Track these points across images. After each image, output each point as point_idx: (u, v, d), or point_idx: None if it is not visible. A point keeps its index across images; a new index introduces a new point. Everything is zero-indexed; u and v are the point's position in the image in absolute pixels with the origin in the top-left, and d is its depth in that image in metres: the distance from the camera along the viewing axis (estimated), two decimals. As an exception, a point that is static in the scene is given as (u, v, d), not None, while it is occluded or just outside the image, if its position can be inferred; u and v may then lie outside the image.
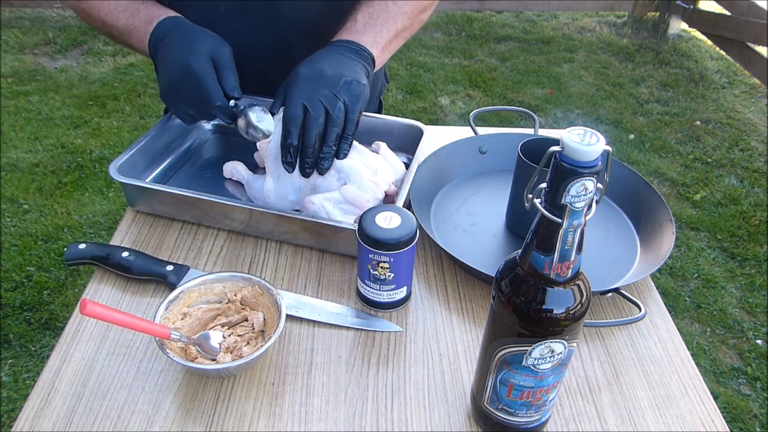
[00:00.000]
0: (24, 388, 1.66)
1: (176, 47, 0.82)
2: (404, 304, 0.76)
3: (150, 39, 0.86)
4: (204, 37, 0.83)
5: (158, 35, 0.85)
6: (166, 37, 0.84)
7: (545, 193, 0.46)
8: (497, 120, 2.83)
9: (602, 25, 4.08)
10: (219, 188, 0.90)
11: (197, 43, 0.81)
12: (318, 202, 0.80)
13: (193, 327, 0.69)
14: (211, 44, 0.82)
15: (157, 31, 0.85)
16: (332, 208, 0.80)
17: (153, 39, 0.85)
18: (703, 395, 0.67)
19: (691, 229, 2.35)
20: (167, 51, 0.83)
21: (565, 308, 0.50)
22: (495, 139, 1.00)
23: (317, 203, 0.80)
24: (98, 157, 2.57)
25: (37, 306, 1.89)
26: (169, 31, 0.85)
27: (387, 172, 0.85)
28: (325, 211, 0.79)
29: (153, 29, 0.86)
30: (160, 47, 0.84)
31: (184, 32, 0.84)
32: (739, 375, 1.79)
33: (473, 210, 0.92)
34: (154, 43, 0.85)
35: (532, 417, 0.59)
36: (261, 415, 0.63)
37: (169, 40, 0.84)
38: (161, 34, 0.85)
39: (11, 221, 2.21)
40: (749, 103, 3.27)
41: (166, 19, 0.86)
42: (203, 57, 0.80)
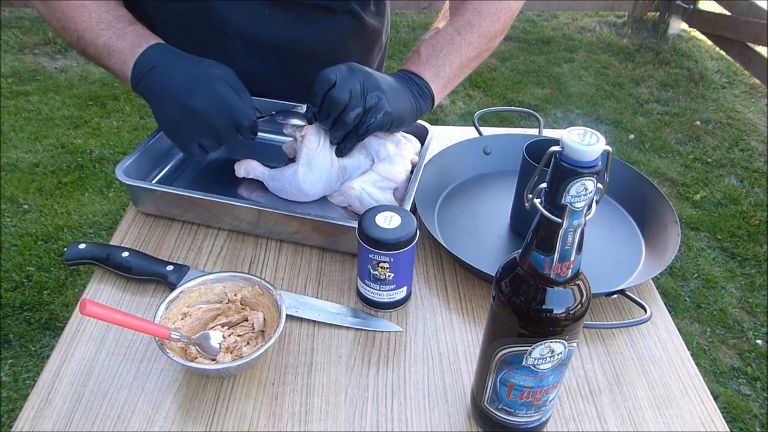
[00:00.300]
0: (24, 388, 1.66)
1: (184, 76, 0.78)
2: (404, 304, 0.76)
3: (135, 66, 0.80)
4: (210, 64, 0.80)
5: (144, 65, 0.79)
6: (157, 67, 0.79)
7: (545, 193, 0.46)
8: (497, 120, 2.83)
9: (602, 25, 4.08)
10: (223, 188, 0.90)
11: (209, 69, 0.79)
12: (358, 187, 0.82)
13: (193, 327, 0.69)
14: (220, 69, 0.80)
15: (142, 60, 0.80)
16: (372, 188, 0.83)
17: (137, 68, 0.80)
18: (703, 395, 0.67)
19: (691, 229, 2.35)
20: (170, 81, 0.78)
21: (565, 308, 0.50)
22: (499, 139, 1.00)
23: (357, 188, 0.82)
24: (98, 157, 2.57)
25: (37, 306, 1.89)
26: (159, 61, 0.79)
27: (407, 145, 0.89)
28: (367, 194, 0.82)
29: (139, 55, 0.80)
30: (154, 77, 0.79)
31: (184, 61, 0.80)
32: (739, 375, 1.79)
33: (477, 211, 0.92)
34: (140, 72, 0.80)
35: (532, 417, 0.59)
36: (261, 415, 0.63)
37: (169, 69, 0.79)
38: (148, 64, 0.79)
39: (11, 221, 2.21)
40: (749, 103, 3.27)
41: (155, 45, 0.81)
42: (222, 82, 0.78)
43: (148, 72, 0.79)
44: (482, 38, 0.89)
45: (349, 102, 0.77)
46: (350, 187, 0.83)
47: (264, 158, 0.94)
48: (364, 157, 0.86)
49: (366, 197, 0.82)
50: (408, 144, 0.89)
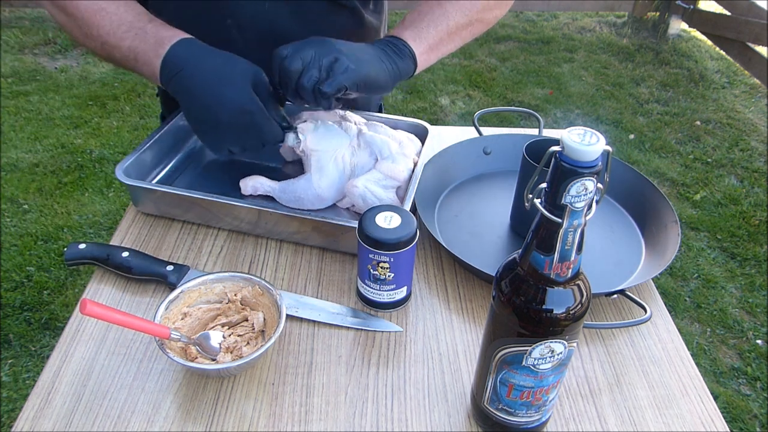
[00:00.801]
0: (24, 388, 1.66)
1: (213, 84, 0.75)
2: (404, 304, 0.76)
3: (162, 69, 0.77)
4: (239, 65, 0.77)
5: (173, 66, 0.77)
6: (185, 69, 0.76)
7: (545, 193, 0.46)
8: (497, 120, 2.83)
9: (602, 25, 4.08)
10: (224, 188, 0.90)
11: (237, 77, 0.76)
12: (361, 186, 0.83)
13: (193, 327, 0.69)
14: (248, 72, 0.77)
15: (170, 60, 0.77)
16: (375, 187, 0.83)
17: (166, 69, 0.77)
18: (703, 395, 0.67)
19: (691, 229, 2.35)
20: (199, 88, 0.76)
21: (565, 308, 0.50)
22: (499, 139, 1.00)
23: (361, 187, 0.82)
24: (98, 157, 2.58)
25: (37, 306, 1.89)
26: (187, 61, 0.77)
27: (409, 144, 0.89)
28: (370, 192, 0.83)
29: (164, 55, 0.77)
30: (183, 80, 0.76)
31: (212, 63, 0.77)
32: (739, 375, 1.79)
33: (477, 211, 0.92)
34: (169, 74, 0.77)
35: (532, 417, 0.59)
36: (261, 415, 0.63)
37: (197, 74, 0.76)
38: (177, 64, 0.77)
39: (11, 221, 2.21)
40: (749, 103, 3.27)
41: (178, 43, 0.78)
42: (251, 92, 0.75)
43: (175, 76, 0.77)
44: (473, 6, 0.89)
45: (303, 69, 0.75)
46: (353, 186, 0.83)
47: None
48: (368, 156, 0.87)
49: (369, 196, 0.83)
50: (410, 144, 0.90)
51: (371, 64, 0.80)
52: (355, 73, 0.77)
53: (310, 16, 0.93)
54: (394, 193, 0.85)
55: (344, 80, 0.76)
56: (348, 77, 0.76)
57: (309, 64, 0.76)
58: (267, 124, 0.78)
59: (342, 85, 0.76)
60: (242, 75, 0.77)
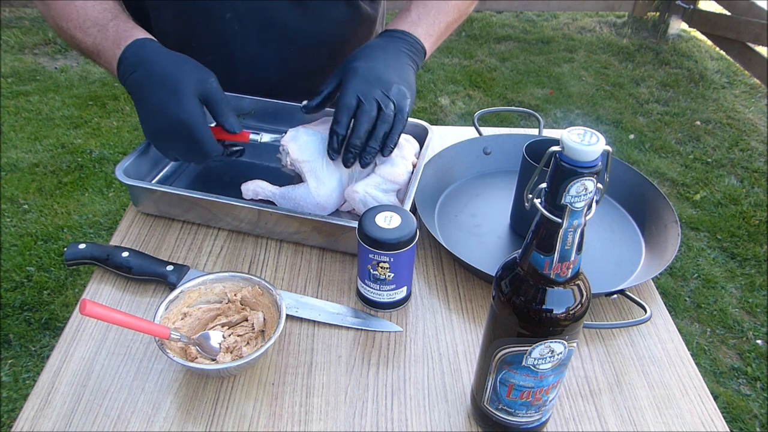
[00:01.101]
0: (24, 388, 1.66)
1: (156, 93, 0.74)
2: (404, 304, 0.76)
3: (118, 69, 0.78)
4: (185, 73, 0.75)
5: (127, 67, 0.77)
6: (136, 72, 0.76)
7: (545, 193, 0.46)
8: (497, 120, 2.83)
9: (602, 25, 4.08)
10: (224, 188, 0.90)
11: (180, 85, 0.73)
12: (362, 191, 0.82)
13: (193, 327, 0.69)
14: (195, 79, 0.75)
15: (124, 61, 0.77)
16: (375, 191, 0.82)
17: (121, 70, 0.78)
18: (703, 395, 0.67)
19: (691, 229, 2.35)
20: (146, 94, 0.75)
21: (565, 308, 0.50)
22: (499, 140, 1.00)
23: (361, 192, 0.82)
24: (98, 157, 2.58)
25: (37, 306, 1.89)
26: (139, 63, 0.76)
27: (407, 146, 0.89)
28: (371, 197, 0.82)
29: (120, 57, 0.77)
30: (134, 84, 0.76)
31: (159, 68, 0.75)
32: (739, 375, 1.79)
33: (477, 211, 0.92)
34: (123, 75, 0.77)
35: (532, 417, 0.59)
36: (261, 415, 0.63)
37: (144, 79, 0.75)
38: (130, 66, 0.77)
39: (11, 221, 2.21)
40: (749, 103, 3.27)
41: (133, 44, 0.77)
42: (192, 103, 0.73)
43: (128, 78, 0.77)
44: (464, 2, 0.94)
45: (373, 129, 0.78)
46: (354, 191, 0.82)
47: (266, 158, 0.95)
48: None
49: (370, 200, 0.82)
50: (408, 145, 0.89)
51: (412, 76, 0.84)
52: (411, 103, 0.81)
53: (310, 9, 0.94)
54: (394, 195, 0.85)
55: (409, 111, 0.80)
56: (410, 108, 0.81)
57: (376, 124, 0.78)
58: (206, 138, 0.75)
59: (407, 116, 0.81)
60: (188, 84, 0.74)
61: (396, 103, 0.78)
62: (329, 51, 0.99)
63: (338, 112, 0.78)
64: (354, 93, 0.77)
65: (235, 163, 0.96)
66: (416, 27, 0.88)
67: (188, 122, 0.73)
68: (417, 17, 0.89)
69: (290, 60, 0.98)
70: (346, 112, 0.77)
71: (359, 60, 0.80)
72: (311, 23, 0.95)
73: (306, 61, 0.98)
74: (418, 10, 0.90)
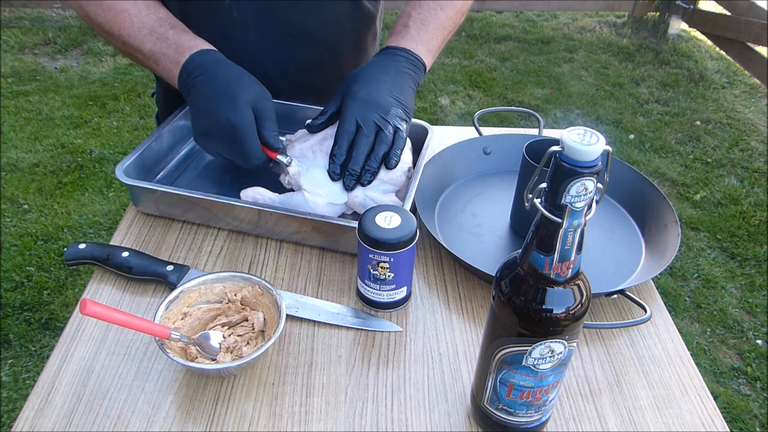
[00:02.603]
0: (24, 388, 1.66)
1: (215, 97, 0.79)
2: (404, 304, 0.76)
3: (181, 74, 0.82)
4: (244, 86, 0.80)
5: (190, 71, 0.81)
6: (201, 77, 0.80)
7: (545, 193, 0.46)
8: (497, 120, 2.83)
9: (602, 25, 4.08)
10: (224, 188, 0.90)
11: (239, 92, 0.79)
12: (361, 195, 0.82)
13: (193, 327, 0.69)
14: (252, 93, 0.80)
15: (189, 66, 0.81)
16: (375, 193, 0.83)
17: (184, 75, 0.82)
18: (703, 395, 0.67)
19: (691, 229, 2.35)
20: (204, 97, 0.80)
21: (565, 308, 0.50)
22: (499, 140, 1.00)
23: (360, 196, 0.82)
24: (98, 157, 2.58)
25: (37, 306, 1.89)
26: (203, 70, 0.81)
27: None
28: (370, 199, 0.82)
29: (184, 63, 0.82)
30: (194, 88, 0.81)
31: (222, 77, 0.80)
32: (739, 375, 1.79)
33: (477, 211, 0.92)
34: (186, 79, 0.82)
35: (532, 417, 0.59)
36: (261, 415, 0.63)
37: (206, 84, 0.80)
38: (194, 71, 0.81)
39: (11, 221, 2.21)
40: (749, 103, 3.27)
41: (199, 53, 0.82)
42: (246, 110, 0.78)
43: (191, 80, 0.81)
44: (459, 14, 0.96)
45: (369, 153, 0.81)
46: (354, 196, 0.83)
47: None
48: None
49: (370, 203, 0.82)
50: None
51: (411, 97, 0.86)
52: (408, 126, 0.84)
53: (313, 4, 0.94)
54: (393, 195, 0.85)
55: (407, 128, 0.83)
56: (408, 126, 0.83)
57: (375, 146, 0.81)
58: (252, 144, 0.80)
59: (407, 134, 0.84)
60: (247, 93, 0.79)
61: (394, 125, 0.81)
62: (329, 45, 0.99)
63: (338, 137, 0.81)
64: (353, 118, 0.80)
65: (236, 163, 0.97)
66: (416, 44, 0.89)
67: (239, 127, 0.78)
68: (416, 33, 0.90)
69: (289, 52, 0.98)
70: (346, 137, 0.80)
71: (360, 83, 0.83)
72: (312, 17, 0.95)
73: (305, 55, 0.98)
74: (417, 26, 0.91)
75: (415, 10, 0.92)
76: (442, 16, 0.92)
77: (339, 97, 0.84)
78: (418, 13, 0.92)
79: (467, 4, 0.97)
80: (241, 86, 0.80)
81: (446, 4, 0.93)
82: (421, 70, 0.89)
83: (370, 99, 0.81)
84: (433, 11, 0.92)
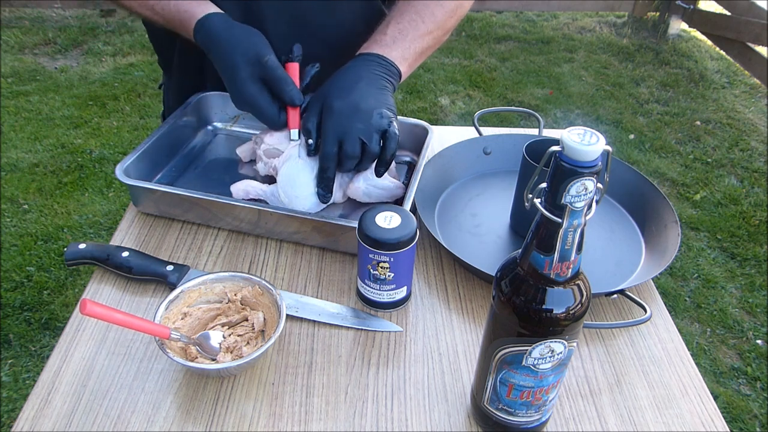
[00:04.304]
0: (24, 388, 1.66)
1: (225, 78, 0.84)
2: (404, 304, 0.76)
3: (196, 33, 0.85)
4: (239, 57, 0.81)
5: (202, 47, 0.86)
6: (211, 52, 0.85)
7: (545, 193, 0.46)
8: (497, 120, 2.83)
9: (602, 25, 4.08)
10: (224, 188, 0.90)
11: (237, 71, 0.81)
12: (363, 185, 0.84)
13: (193, 327, 0.69)
14: (251, 61, 0.81)
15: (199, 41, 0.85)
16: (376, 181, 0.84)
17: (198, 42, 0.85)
18: (703, 395, 0.67)
19: (691, 229, 2.35)
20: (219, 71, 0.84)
21: (565, 308, 0.50)
22: (499, 139, 1.00)
23: (363, 185, 0.84)
24: (98, 157, 2.58)
25: (37, 306, 1.89)
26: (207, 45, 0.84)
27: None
28: (373, 185, 0.84)
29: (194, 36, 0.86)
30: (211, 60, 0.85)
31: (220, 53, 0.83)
32: (739, 375, 1.79)
33: (478, 211, 0.92)
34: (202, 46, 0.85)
35: (532, 417, 0.59)
36: (261, 415, 0.63)
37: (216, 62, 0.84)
38: (204, 46, 0.85)
39: (11, 221, 2.21)
40: (749, 103, 3.27)
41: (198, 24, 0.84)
42: (250, 87, 0.82)
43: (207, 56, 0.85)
44: (441, 30, 0.94)
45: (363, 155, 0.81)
46: (356, 188, 0.84)
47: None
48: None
49: (373, 190, 0.84)
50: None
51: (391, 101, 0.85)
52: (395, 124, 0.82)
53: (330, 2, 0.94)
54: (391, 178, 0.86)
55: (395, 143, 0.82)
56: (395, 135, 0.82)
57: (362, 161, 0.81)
58: (269, 116, 0.84)
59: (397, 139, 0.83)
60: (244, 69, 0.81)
61: (379, 130, 0.80)
62: (343, 43, 0.98)
63: (322, 161, 0.81)
64: (334, 138, 0.80)
65: (236, 163, 0.97)
66: (390, 50, 0.87)
67: (251, 105, 0.84)
68: (392, 40, 0.89)
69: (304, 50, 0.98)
70: (330, 159, 0.80)
71: (334, 94, 0.82)
72: (328, 13, 0.95)
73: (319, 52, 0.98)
74: (394, 34, 0.89)
75: (395, 20, 0.91)
76: (422, 28, 0.91)
77: (316, 110, 0.83)
78: (398, 22, 0.91)
79: (451, 21, 0.96)
80: (236, 63, 0.81)
81: (428, 17, 0.92)
82: (396, 75, 0.87)
83: (348, 110, 0.80)
84: (414, 23, 0.91)
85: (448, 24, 0.95)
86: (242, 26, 0.85)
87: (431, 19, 0.92)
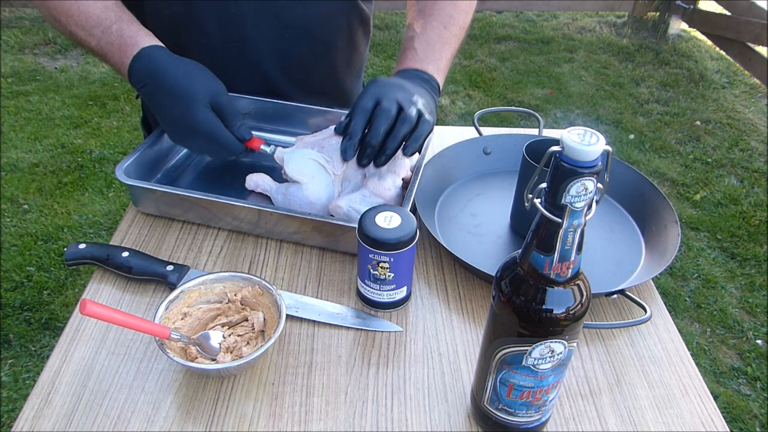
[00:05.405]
0: (24, 388, 1.66)
1: (172, 105, 0.79)
2: (404, 304, 0.76)
3: (129, 77, 0.81)
4: (196, 86, 0.79)
5: (138, 78, 0.80)
6: (148, 84, 0.79)
7: (545, 193, 0.46)
8: (497, 120, 2.83)
9: (602, 25, 4.08)
10: (224, 188, 0.90)
11: (192, 97, 0.78)
12: (345, 206, 0.81)
13: (193, 327, 0.69)
14: (206, 94, 0.79)
15: (136, 73, 0.80)
16: (360, 206, 0.81)
17: (133, 79, 0.81)
18: (703, 395, 0.67)
19: (691, 229, 2.35)
20: (162, 107, 0.80)
21: (565, 308, 0.50)
22: (499, 140, 1.00)
23: (344, 206, 0.80)
24: (98, 157, 2.58)
25: (37, 306, 1.89)
26: (150, 76, 0.79)
27: (401, 161, 0.86)
28: (355, 211, 0.81)
29: (129, 66, 0.80)
30: (149, 98, 0.81)
31: (171, 82, 0.78)
32: (739, 375, 1.79)
33: (477, 211, 0.92)
34: (136, 85, 0.81)
35: (532, 417, 0.59)
36: (261, 415, 0.63)
37: (158, 91, 0.79)
38: (142, 78, 0.80)
39: (11, 221, 2.21)
40: (749, 103, 3.27)
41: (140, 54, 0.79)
42: (206, 113, 0.78)
43: (141, 89, 0.81)
44: (462, 30, 0.96)
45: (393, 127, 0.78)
46: (337, 206, 0.81)
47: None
48: (355, 170, 0.84)
49: (354, 214, 0.81)
50: (403, 160, 0.86)
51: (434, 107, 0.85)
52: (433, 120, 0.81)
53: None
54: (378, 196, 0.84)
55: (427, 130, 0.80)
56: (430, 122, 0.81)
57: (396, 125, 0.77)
58: (225, 140, 0.80)
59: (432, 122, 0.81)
60: (200, 96, 0.78)
61: (418, 108, 0.78)
62: (324, 41, 0.99)
63: (353, 113, 0.77)
64: (372, 96, 0.77)
65: (236, 163, 0.97)
66: (426, 65, 0.88)
67: (207, 130, 0.79)
68: (424, 55, 0.89)
69: (286, 48, 0.97)
70: (362, 113, 0.77)
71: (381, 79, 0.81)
72: (309, 13, 0.95)
73: (302, 51, 0.98)
74: (424, 47, 0.90)
75: (419, 31, 0.92)
76: (446, 35, 0.92)
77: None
78: (422, 34, 0.91)
79: (469, 19, 0.98)
80: (192, 90, 0.78)
81: (449, 22, 0.93)
82: (436, 90, 0.88)
83: (393, 82, 0.79)
84: (437, 31, 0.92)
85: (467, 22, 0.97)
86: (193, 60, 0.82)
87: (451, 22, 0.93)
